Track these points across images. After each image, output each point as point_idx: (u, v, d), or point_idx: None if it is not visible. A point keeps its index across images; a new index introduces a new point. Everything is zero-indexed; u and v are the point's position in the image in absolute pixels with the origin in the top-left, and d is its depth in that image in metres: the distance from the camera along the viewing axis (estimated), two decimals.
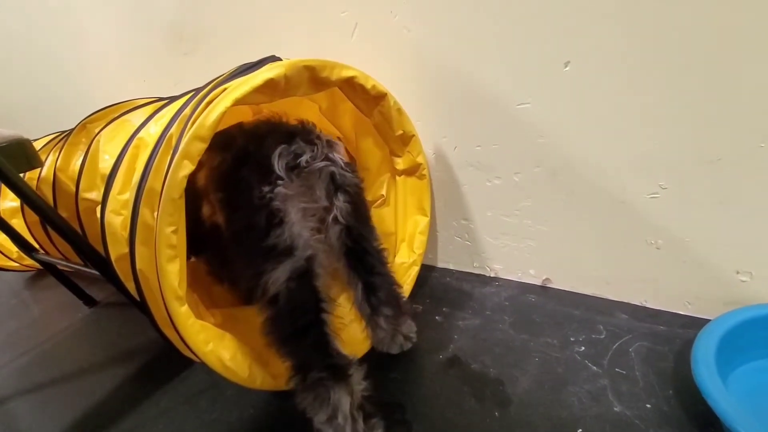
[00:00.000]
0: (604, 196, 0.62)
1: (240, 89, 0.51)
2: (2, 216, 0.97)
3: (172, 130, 0.49)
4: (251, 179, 0.51)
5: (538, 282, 0.75)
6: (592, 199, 0.64)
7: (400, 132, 0.73)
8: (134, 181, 0.51)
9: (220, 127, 0.52)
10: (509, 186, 0.71)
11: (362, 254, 0.58)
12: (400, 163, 0.77)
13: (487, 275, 0.82)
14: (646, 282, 0.65)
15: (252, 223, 0.49)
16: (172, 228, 0.46)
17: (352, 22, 0.75)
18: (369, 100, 0.68)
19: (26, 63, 1.63)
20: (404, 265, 0.79)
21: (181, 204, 0.47)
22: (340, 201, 0.55)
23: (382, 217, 0.84)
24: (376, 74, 0.67)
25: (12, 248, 1.14)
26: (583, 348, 0.61)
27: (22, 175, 0.75)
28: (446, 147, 0.76)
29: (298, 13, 0.81)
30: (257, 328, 0.72)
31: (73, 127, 0.76)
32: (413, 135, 0.74)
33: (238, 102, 0.50)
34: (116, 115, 0.66)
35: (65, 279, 1.05)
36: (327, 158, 0.54)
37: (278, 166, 0.50)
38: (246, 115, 0.69)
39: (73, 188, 0.66)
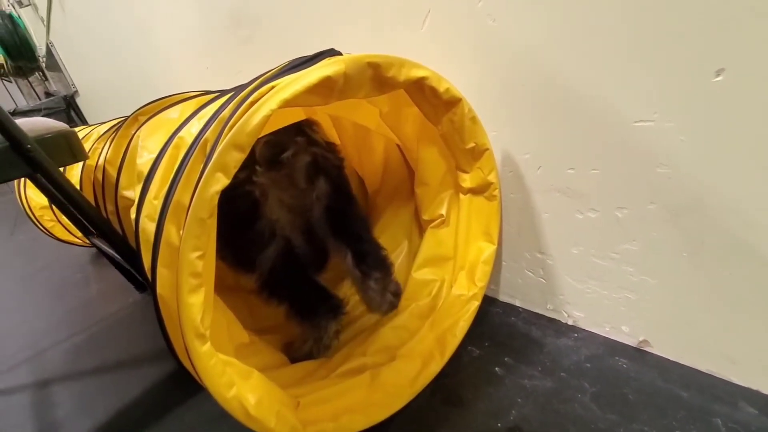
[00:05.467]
0: (752, 254, 0.46)
1: (289, 89, 0.42)
2: None
3: (208, 133, 0.42)
4: None
5: (632, 343, 0.60)
6: (731, 254, 0.47)
7: (472, 145, 0.61)
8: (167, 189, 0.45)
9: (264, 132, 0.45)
10: (608, 222, 0.56)
11: (347, 224, 0.66)
12: (467, 180, 0.65)
13: (564, 322, 0.68)
14: None
15: (234, 211, 0.55)
16: (198, 253, 0.39)
17: (424, 7, 0.63)
18: (439, 106, 0.57)
19: (107, 48, 1.72)
20: (462, 298, 0.67)
21: (212, 224, 0.40)
22: (321, 183, 0.62)
23: (439, 240, 0.73)
24: (447, 72, 0.55)
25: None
26: None
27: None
28: (527, 166, 0.62)
29: None
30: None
31: (127, 116, 0.74)
32: (487, 149, 0.61)
33: (287, 104, 0.42)
34: (161, 108, 0.61)
35: (117, 263, 1.07)
36: (309, 149, 0.59)
37: (259, 154, 0.55)
38: (298, 117, 0.61)
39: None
